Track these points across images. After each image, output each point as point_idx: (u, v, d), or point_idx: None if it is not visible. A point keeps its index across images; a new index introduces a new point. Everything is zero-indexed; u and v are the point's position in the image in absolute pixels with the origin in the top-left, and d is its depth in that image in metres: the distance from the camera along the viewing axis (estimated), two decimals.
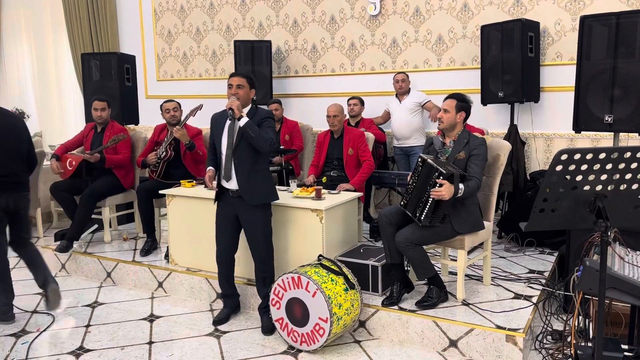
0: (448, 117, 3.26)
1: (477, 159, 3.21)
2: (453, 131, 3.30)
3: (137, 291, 4.11)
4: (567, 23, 4.92)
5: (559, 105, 4.99)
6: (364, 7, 5.84)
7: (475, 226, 3.28)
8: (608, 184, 1.74)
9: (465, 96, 3.34)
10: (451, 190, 3.02)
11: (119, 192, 4.74)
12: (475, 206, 3.30)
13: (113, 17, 7.45)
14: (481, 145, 3.23)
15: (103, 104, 4.62)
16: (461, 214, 3.21)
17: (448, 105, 3.27)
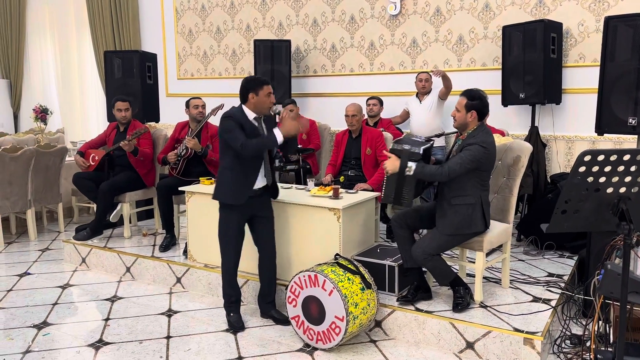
0: (459, 116, 3.18)
1: (464, 153, 3.06)
2: (465, 130, 3.22)
3: (156, 286, 4.16)
4: (590, 24, 4.85)
5: (581, 107, 4.92)
6: (384, 6, 5.83)
7: (461, 227, 3.13)
8: (632, 186, 1.71)
9: (478, 93, 3.17)
10: (395, 164, 3.09)
11: (138, 188, 4.81)
12: (467, 207, 3.12)
13: (135, 16, 7.55)
14: (475, 145, 3.06)
15: (126, 104, 4.71)
16: (447, 214, 3.15)
17: (459, 104, 3.19)
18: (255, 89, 3.22)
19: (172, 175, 4.56)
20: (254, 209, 3.35)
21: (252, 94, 3.22)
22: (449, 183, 3.14)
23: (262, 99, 3.23)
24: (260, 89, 3.22)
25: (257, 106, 3.24)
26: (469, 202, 3.15)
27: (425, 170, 3.08)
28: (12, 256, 4.94)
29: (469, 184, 3.13)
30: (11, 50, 8.79)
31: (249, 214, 3.35)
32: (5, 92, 8.82)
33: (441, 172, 3.05)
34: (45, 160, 5.35)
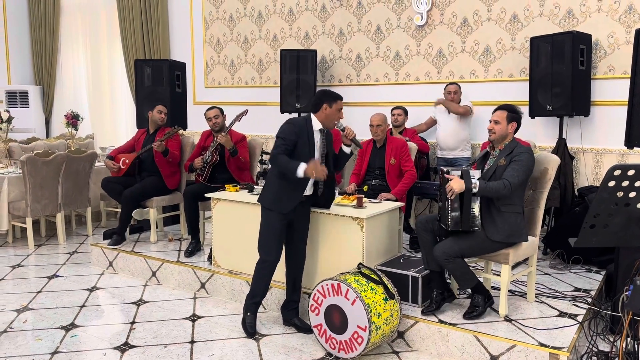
0: (499, 128, 3.23)
1: (516, 164, 3.13)
2: (502, 142, 3.27)
3: (181, 291, 4.22)
4: (620, 36, 4.79)
5: (610, 120, 4.85)
6: (411, 17, 5.84)
7: (511, 236, 3.17)
8: None
9: (516, 107, 3.31)
10: (461, 184, 3.05)
11: (161, 194, 4.90)
12: (515, 215, 3.18)
13: (165, 25, 7.72)
14: (524, 153, 3.16)
15: (165, 108, 4.96)
16: (496, 221, 3.14)
17: (499, 117, 3.24)
18: (329, 101, 3.32)
19: (198, 182, 4.63)
20: (296, 215, 3.39)
21: (326, 104, 3.32)
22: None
23: (333, 112, 3.32)
24: (334, 102, 3.33)
25: (327, 118, 3.33)
26: (517, 211, 3.21)
27: (489, 186, 3.09)
28: (41, 258, 5.07)
29: (516, 193, 3.18)
30: (45, 57, 9.06)
31: (290, 218, 3.38)
32: (38, 99, 9.08)
33: (504, 186, 3.08)
34: (76, 165, 5.49)
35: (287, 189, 3.29)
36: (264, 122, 6.70)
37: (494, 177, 3.19)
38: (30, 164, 5.08)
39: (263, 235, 3.36)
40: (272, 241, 3.34)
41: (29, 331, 3.48)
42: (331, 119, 3.33)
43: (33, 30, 9.12)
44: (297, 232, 3.45)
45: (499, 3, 5.33)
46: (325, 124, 3.35)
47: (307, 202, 3.45)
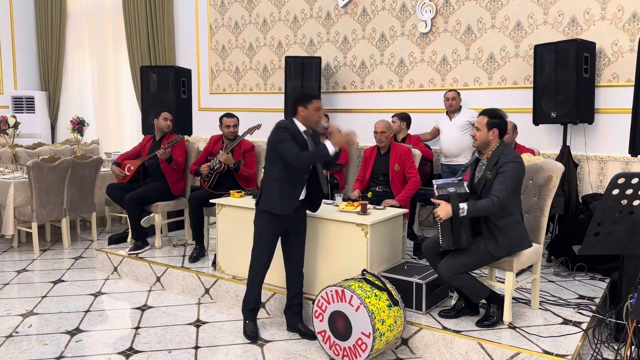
0: (480, 135, 3.18)
1: (502, 176, 3.07)
2: (487, 149, 3.21)
3: (185, 296, 4.23)
4: (624, 44, 4.80)
5: (614, 128, 4.85)
6: (415, 25, 5.87)
7: (513, 247, 3.15)
8: None
9: (498, 111, 3.23)
10: (447, 209, 3.04)
11: (166, 198, 4.92)
12: (514, 226, 3.15)
13: (170, 32, 7.77)
14: (509, 163, 3.08)
15: (171, 115, 4.98)
16: (496, 237, 3.12)
17: (479, 123, 3.19)
18: (304, 103, 3.36)
19: (203, 188, 4.65)
20: (292, 221, 3.40)
21: (300, 107, 3.35)
22: None
23: (311, 112, 3.34)
24: (309, 103, 3.35)
25: (306, 119, 3.36)
26: (516, 221, 3.17)
27: (477, 207, 3.07)
28: (46, 263, 5.09)
29: (511, 203, 3.15)
30: (51, 63, 9.12)
31: (286, 225, 3.40)
32: (44, 104, 9.14)
33: (493, 204, 3.05)
34: (81, 171, 5.52)
35: (288, 190, 3.32)
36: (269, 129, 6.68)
37: (485, 190, 3.15)
38: (36, 169, 5.12)
39: (255, 242, 3.39)
40: (263, 249, 3.37)
41: (34, 336, 3.50)
42: (311, 120, 3.35)
43: (39, 36, 9.20)
44: (295, 237, 3.47)
45: (503, 11, 5.35)
46: (308, 125, 3.36)
47: (302, 206, 3.46)
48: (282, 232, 3.42)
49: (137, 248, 4.72)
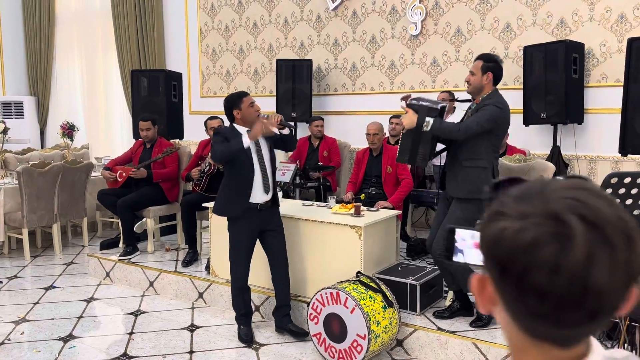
0: (474, 79, 3.11)
1: (480, 112, 3.02)
2: (479, 94, 3.14)
3: (178, 301, 4.21)
4: (612, 44, 4.85)
5: (603, 127, 4.90)
6: (405, 27, 5.90)
7: (474, 192, 3.05)
8: None
9: (493, 55, 3.19)
10: (412, 119, 2.99)
11: (160, 203, 4.89)
12: (480, 170, 3.06)
13: (160, 35, 7.75)
14: (490, 105, 3.02)
15: (147, 123, 4.84)
16: (458, 177, 3.08)
17: (474, 67, 3.13)
18: (236, 104, 3.33)
19: (195, 192, 4.64)
20: (262, 223, 3.39)
21: (235, 110, 3.32)
22: (462, 146, 3.08)
23: (246, 110, 3.31)
24: (240, 102, 3.33)
25: (245, 119, 3.33)
26: (482, 166, 3.08)
27: (443, 126, 3.00)
28: (37, 269, 5.04)
29: (483, 147, 3.08)
30: (39, 68, 9.05)
31: (258, 228, 3.39)
32: (33, 109, 9.06)
33: (458, 129, 2.99)
34: (72, 176, 5.48)
35: (232, 193, 3.33)
36: None
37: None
38: (26, 175, 5.07)
39: (230, 252, 3.40)
40: (238, 257, 3.37)
41: (26, 343, 3.46)
42: (249, 118, 3.32)
43: (28, 41, 9.12)
44: (272, 238, 3.45)
45: (492, 13, 5.39)
46: (248, 124, 3.32)
47: (271, 206, 3.43)
48: (255, 235, 3.41)
49: (127, 254, 4.69)
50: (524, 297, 0.62)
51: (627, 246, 0.61)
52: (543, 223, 0.61)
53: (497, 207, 0.66)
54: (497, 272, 0.64)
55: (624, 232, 0.61)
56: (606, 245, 0.60)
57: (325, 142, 5.67)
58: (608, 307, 0.62)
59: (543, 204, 0.62)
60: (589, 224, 0.60)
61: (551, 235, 0.60)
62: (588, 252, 0.59)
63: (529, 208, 0.63)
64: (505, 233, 0.63)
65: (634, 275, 0.62)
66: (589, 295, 0.60)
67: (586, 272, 0.59)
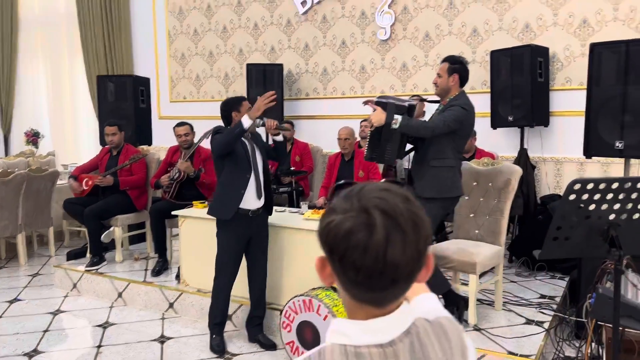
0: (441, 81, 3.16)
1: (447, 111, 3.06)
2: (447, 95, 3.18)
3: (148, 312, 4.12)
4: (576, 49, 4.97)
5: (568, 130, 5.01)
6: (375, 31, 5.93)
7: (442, 191, 3.11)
8: (621, 213, 1.75)
9: (459, 57, 3.25)
10: (380, 116, 2.96)
11: (128, 211, 4.79)
12: (447, 170, 3.12)
13: (128, 40, 7.61)
14: (456, 106, 3.06)
15: (113, 129, 4.74)
16: (425, 176, 3.11)
17: (441, 69, 3.17)
18: (235, 107, 3.32)
19: (165, 199, 4.56)
20: (252, 230, 3.35)
21: (234, 112, 3.31)
22: (429, 146, 3.11)
23: (244, 115, 3.27)
24: (240, 105, 3.32)
25: None
26: (450, 165, 3.13)
27: (411, 123, 3.00)
28: (1, 282, 4.88)
29: (449, 147, 3.12)
30: (2, 73, 8.78)
31: (247, 235, 3.34)
32: None
33: (426, 126, 3.01)
34: (37, 184, 5.33)
35: (229, 193, 3.27)
36: None
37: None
38: None
39: (219, 254, 3.33)
40: (227, 261, 3.31)
41: None
42: None
43: None
44: (258, 246, 3.42)
45: (460, 17, 5.47)
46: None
47: (261, 214, 3.41)
48: (245, 242, 3.37)
49: (93, 264, 4.58)
50: (345, 272, 0.84)
51: (415, 231, 0.83)
52: (357, 216, 0.83)
53: (331, 204, 0.89)
54: (328, 254, 0.85)
55: (413, 221, 0.83)
56: (399, 231, 0.82)
57: (297, 146, 5.66)
58: (405, 275, 0.84)
59: (358, 202, 0.84)
60: (387, 215, 0.82)
61: (361, 225, 0.82)
62: (386, 235, 0.81)
63: (348, 205, 0.85)
64: (331, 224, 0.84)
65: (421, 251, 0.85)
66: (388, 267, 0.81)
67: (385, 250, 0.81)
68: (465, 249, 3.39)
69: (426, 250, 0.86)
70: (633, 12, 4.69)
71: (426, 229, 0.85)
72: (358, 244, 0.81)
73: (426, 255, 0.87)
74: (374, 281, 0.83)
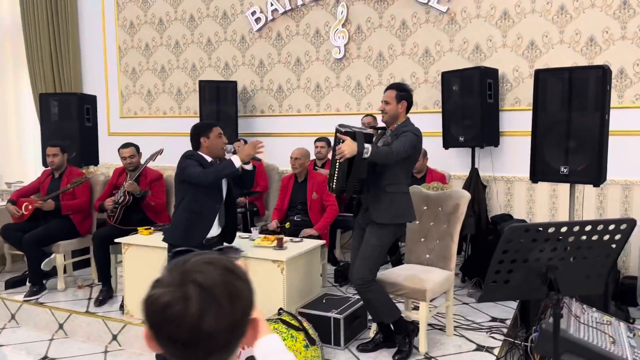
0: (390, 108, 3.15)
1: (401, 138, 3.06)
2: (395, 122, 3.18)
3: (90, 344, 3.92)
4: (524, 70, 5.07)
5: (518, 149, 5.09)
6: (329, 50, 5.91)
7: (397, 216, 3.12)
8: (559, 256, 1.74)
9: (404, 85, 3.28)
10: (353, 147, 2.86)
11: (71, 237, 4.57)
12: (401, 195, 3.14)
13: (76, 55, 7.35)
14: (408, 132, 3.08)
15: (55, 149, 4.53)
16: (382, 202, 3.09)
17: (388, 97, 3.16)
18: (205, 132, 3.25)
19: (109, 224, 4.37)
20: None
21: (203, 138, 3.23)
22: (384, 172, 3.09)
23: (214, 141, 3.24)
24: (210, 131, 3.25)
25: (211, 149, 3.25)
26: (403, 191, 3.16)
27: (379, 151, 2.96)
28: None
29: (402, 173, 3.14)
30: None
31: None
32: None
33: (390, 152, 2.97)
34: None
35: (195, 221, 3.16)
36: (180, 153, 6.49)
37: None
38: None
39: None
40: None
41: None
42: (216, 148, 3.26)
43: None
44: None
45: (412, 38, 5.50)
46: (214, 155, 3.26)
47: (217, 243, 3.32)
48: None
49: (32, 294, 4.34)
50: (164, 344, 0.88)
51: (231, 303, 0.87)
52: (175, 290, 0.86)
53: (158, 277, 0.92)
54: (149, 327, 0.89)
55: (229, 293, 0.88)
56: (214, 304, 0.86)
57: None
58: (220, 345, 0.88)
59: (178, 275, 0.89)
60: (203, 288, 0.86)
61: (178, 299, 0.85)
62: (200, 309, 0.85)
63: (170, 279, 0.89)
64: (152, 298, 0.88)
65: (238, 321, 0.89)
66: (202, 339, 0.85)
67: (199, 323, 0.84)
68: (415, 275, 3.37)
69: (244, 319, 0.91)
70: (578, 35, 4.83)
71: (244, 300, 0.90)
72: (174, 317, 0.85)
73: (246, 323, 0.92)
74: (189, 352, 0.86)
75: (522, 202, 5.15)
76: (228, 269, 0.92)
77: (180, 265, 0.91)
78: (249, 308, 0.92)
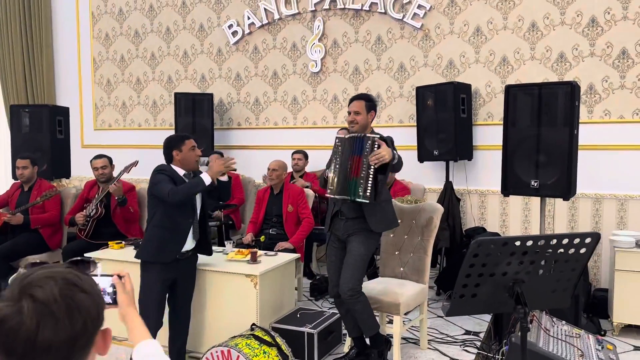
0: (361, 118, 3.17)
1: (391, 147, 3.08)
2: (365, 130, 3.20)
3: None
4: (496, 85, 5.17)
5: (491, 163, 5.16)
6: (306, 64, 5.94)
7: (389, 224, 3.24)
8: (525, 270, 1.76)
9: (371, 95, 3.36)
10: (390, 152, 2.94)
11: (40, 251, 4.46)
12: (387, 204, 3.23)
13: (50, 66, 7.25)
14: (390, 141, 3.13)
15: (24, 162, 4.44)
16: (377, 213, 3.13)
17: (358, 107, 3.18)
18: (178, 145, 3.20)
19: (80, 238, 4.29)
20: (179, 272, 3.18)
21: (175, 151, 3.19)
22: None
23: (187, 154, 3.20)
24: (182, 144, 3.20)
25: (184, 162, 3.20)
26: (388, 199, 3.27)
27: (399, 157, 3.06)
28: None
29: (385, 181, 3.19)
30: None
31: (173, 277, 3.16)
32: None
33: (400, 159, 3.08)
34: None
35: (168, 237, 3.11)
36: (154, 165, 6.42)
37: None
38: None
39: (141, 300, 3.09)
40: (151, 307, 3.09)
41: None
42: (189, 161, 3.21)
43: None
44: (183, 290, 3.25)
45: (387, 53, 5.57)
46: (187, 167, 3.22)
47: (191, 257, 3.28)
48: (169, 284, 3.19)
49: None
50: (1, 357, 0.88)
51: (69, 316, 0.90)
52: (12, 304, 0.89)
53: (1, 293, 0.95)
54: None
55: (67, 306, 0.90)
56: (51, 317, 0.88)
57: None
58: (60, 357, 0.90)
59: (17, 289, 0.91)
60: (39, 302, 0.89)
61: (15, 313, 0.88)
62: (36, 322, 0.87)
63: (10, 293, 0.91)
64: None
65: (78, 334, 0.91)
66: (39, 353, 0.88)
67: (35, 337, 0.87)
68: (390, 288, 3.37)
69: (84, 332, 0.92)
70: (549, 52, 4.94)
71: (85, 313, 0.92)
72: (9, 331, 0.87)
73: (92, 335, 0.95)
74: None
75: (496, 215, 5.22)
76: (70, 282, 0.94)
77: (20, 280, 0.94)
78: (92, 320, 0.94)
